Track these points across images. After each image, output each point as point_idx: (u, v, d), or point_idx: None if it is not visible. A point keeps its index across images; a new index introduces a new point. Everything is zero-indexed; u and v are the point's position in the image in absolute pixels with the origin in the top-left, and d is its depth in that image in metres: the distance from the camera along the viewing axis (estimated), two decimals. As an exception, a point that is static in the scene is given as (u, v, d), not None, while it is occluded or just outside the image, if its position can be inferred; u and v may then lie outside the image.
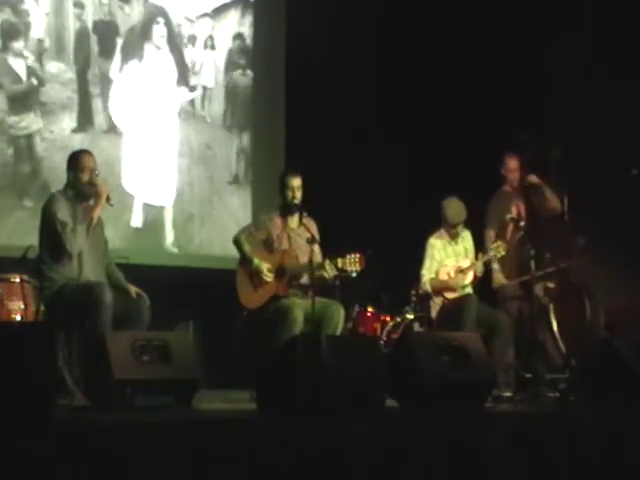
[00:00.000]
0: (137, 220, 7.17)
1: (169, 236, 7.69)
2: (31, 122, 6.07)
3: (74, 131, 6.61)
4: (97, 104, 6.82)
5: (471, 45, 8.98)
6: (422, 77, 9.05)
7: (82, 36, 6.53)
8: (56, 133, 6.44)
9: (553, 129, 9.00)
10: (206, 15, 7.64)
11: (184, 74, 7.63)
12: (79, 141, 6.43)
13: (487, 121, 8.71)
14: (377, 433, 4.16)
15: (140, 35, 7.01)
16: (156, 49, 7.14)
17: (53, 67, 6.36)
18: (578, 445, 4.51)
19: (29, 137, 6.08)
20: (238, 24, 8.12)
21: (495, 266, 7.13)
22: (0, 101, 5.89)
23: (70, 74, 6.56)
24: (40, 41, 6.28)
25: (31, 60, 6.21)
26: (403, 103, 9.03)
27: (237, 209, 7.86)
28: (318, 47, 8.53)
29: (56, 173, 5.69)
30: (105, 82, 6.96)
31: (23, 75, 6.03)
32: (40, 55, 6.36)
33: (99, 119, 6.88)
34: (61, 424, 4.13)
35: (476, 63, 8.97)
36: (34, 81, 6.29)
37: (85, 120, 6.73)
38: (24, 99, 5.98)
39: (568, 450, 4.47)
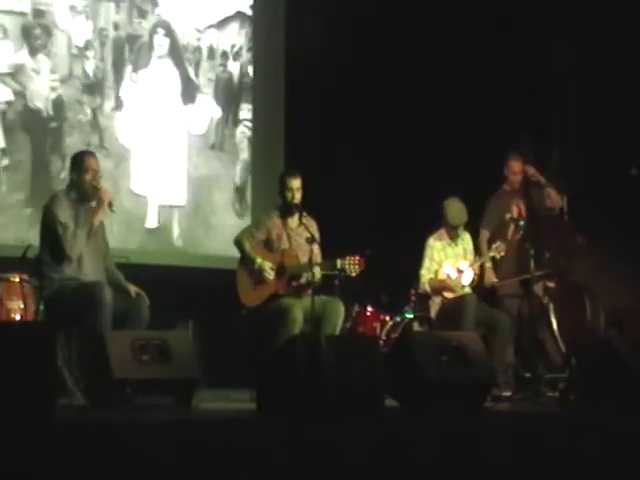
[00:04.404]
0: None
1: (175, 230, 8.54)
2: (95, 99, 8.25)
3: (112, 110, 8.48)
4: (127, 96, 8.49)
5: (471, 46, 8.98)
6: (422, 77, 9.05)
7: (118, 46, 8.46)
8: (101, 111, 8.45)
9: (553, 129, 9.00)
10: (212, 26, 9.02)
11: (185, 79, 8.81)
12: (116, 118, 8.40)
13: (487, 121, 8.71)
14: (377, 433, 4.16)
15: (147, 45, 8.65)
16: (157, 58, 8.68)
17: (98, 69, 8.33)
18: (578, 445, 4.51)
19: (95, 109, 8.23)
20: (237, 35, 9.12)
21: (488, 264, 7.13)
22: (79, 85, 8.17)
23: (108, 75, 8.40)
24: (95, 51, 8.41)
25: (95, 63, 8.33)
26: (403, 103, 9.03)
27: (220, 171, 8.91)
28: (318, 47, 8.53)
29: (102, 133, 8.24)
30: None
31: (91, 73, 8.23)
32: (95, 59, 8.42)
33: (127, 106, 8.50)
34: (61, 424, 4.12)
35: (476, 64, 8.96)
36: (97, 76, 8.32)
37: (118, 106, 8.43)
38: (93, 87, 8.22)
39: (568, 450, 4.47)
